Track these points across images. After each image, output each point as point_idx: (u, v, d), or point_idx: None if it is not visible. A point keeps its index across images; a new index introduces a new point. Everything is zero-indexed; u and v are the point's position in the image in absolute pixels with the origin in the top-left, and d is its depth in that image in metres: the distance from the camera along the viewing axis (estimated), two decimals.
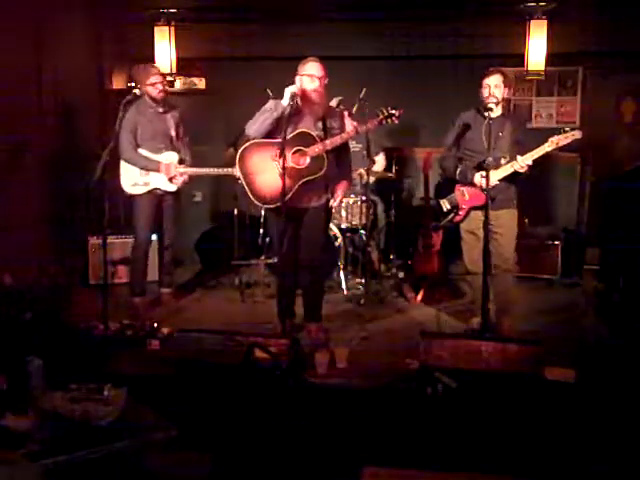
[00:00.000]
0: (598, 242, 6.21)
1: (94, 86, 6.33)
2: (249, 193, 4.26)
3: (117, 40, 6.48)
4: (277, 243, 4.44)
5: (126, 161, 4.93)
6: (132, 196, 5.05)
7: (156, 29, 6.26)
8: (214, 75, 6.79)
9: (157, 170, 4.97)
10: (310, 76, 4.18)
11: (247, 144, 4.26)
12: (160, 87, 4.93)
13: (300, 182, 4.19)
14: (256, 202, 4.27)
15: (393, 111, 4.24)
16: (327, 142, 4.18)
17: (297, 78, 4.24)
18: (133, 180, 4.98)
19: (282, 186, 3.99)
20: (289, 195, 4.11)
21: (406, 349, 4.03)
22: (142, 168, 4.94)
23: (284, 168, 3.98)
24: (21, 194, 5.41)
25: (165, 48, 6.27)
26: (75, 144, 5.59)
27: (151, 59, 6.23)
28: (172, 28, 6.26)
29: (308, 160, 4.20)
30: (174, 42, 6.29)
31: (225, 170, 5.01)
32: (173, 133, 5.07)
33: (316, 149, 4.17)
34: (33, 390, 2.80)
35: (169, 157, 5.03)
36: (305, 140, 4.19)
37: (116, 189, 4.97)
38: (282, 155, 3.97)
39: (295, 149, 4.18)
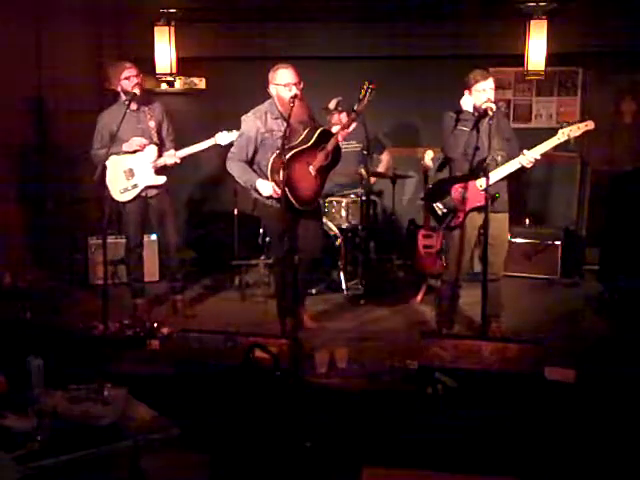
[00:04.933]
0: (598, 242, 6.20)
1: (94, 86, 6.34)
2: (292, 199, 4.19)
3: (117, 40, 6.47)
4: (277, 242, 4.42)
5: (97, 160, 4.65)
6: (120, 202, 4.88)
7: (156, 29, 6.25)
8: (214, 75, 6.79)
9: (131, 148, 4.75)
10: (286, 85, 4.18)
11: (290, 154, 4.18)
12: (135, 80, 4.70)
13: (326, 178, 4.43)
14: (297, 206, 4.24)
15: (369, 85, 4.28)
16: (340, 133, 4.33)
17: (272, 87, 4.26)
18: (122, 186, 4.82)
19: (281, 192, 4.02)
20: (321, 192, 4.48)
21: (406, 349, 4.03)
22: (115, 154, 4.69)
23: (285, 177, 4.01)
24: (20, 194, 5.42)
25: (165, 48, 6.26)
26: (75, 144, 5.59)
27: (151, 59, 6.23)
28: (172, 28, 6.26)
29: (330, 156, 4.34)
30: (174, 42, 6.28)
31: (207, 143, 4.81)
32: (154, 131, 4.85)
33: (334, 142, 4.31)
34: (33, 390, 2.80)
35: (149, 150, 4.82)
36: (327, 137, 4.33)
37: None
38: (284, 168, 4.01)
39: (321, 147, 4.29)
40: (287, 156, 4.11)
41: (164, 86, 6.58)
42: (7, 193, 5.24)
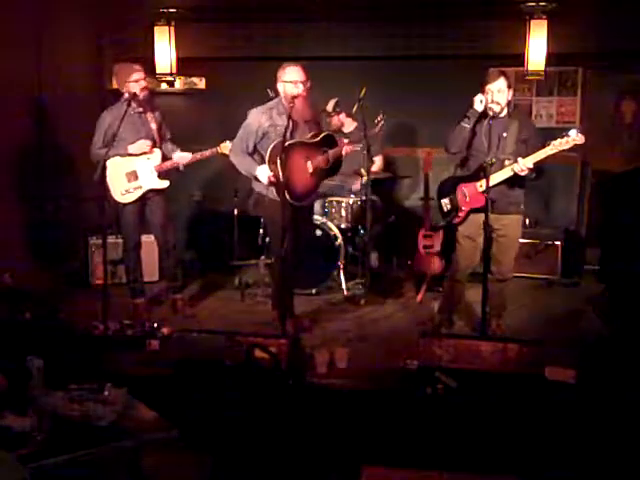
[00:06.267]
0: (598, 242, 6.20)
1: (94, 86, 6.33)
2: (285, 189, 4.18)
3: (117, 40, 6.47)
4: (279, 242, 4.40)
5: (97, 159, 4.57)
6: (119, 202, 4.88)
7: (156, 29, 6.25)
8: (214, 75, 6.79)
9: (138, 150, 4.76)
10: (294, 82, 4.21)
11: (290, 142, 4.21)
12: (143, 84, 4.73)
13: (322, 181, 4.51)
14: (288, 198, 4.20)
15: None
16: (346, 145, 4.48)
17: (279, 85, 4.29)
18: (123, 187, 4.81)
19: (282, 190, 4.02)
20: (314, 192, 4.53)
21: (406, 349, 4.03)
22: (119, 155, 4.71)
23: (282, 162, 4.05)
24: (20, 194, 5.42)
25: (165, 48, 6.26)
26: (75, 144, 5.59)
27: (151, 59, 6.23)
28: (172, 28, 6.26)
29: (330, 162, 4.42)
30: (174, 42, 6.28)
31: (210, 151, 4.78)
32: (156, 134, 4.86)
33: (337, 152, 4.43)
34: (33, 390, 2.80)
35: (153, 155, 4.85)
36: (331, 143, 4.41)
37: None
38: (282, 162, 4.06)
39: (323, 149, 4.37)
40: (286, 144, 4.12)
41: (164, 86, 6.58)
42: (7, 193, 5.23)
